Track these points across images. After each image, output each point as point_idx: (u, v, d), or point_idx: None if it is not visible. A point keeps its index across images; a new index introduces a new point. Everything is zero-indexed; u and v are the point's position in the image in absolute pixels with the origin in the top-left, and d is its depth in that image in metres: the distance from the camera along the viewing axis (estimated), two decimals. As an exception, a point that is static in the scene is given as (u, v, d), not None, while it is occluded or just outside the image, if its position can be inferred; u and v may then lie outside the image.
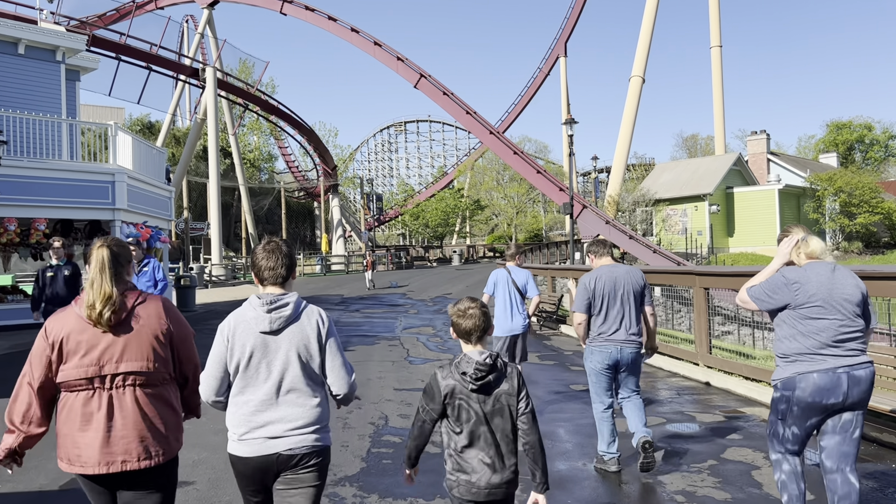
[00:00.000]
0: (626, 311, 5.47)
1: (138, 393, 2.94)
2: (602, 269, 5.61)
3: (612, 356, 5.46)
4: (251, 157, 64.03)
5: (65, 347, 2.89)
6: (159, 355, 2.98)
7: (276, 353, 3.01)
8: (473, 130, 41.00)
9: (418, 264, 53.58)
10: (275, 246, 3.15)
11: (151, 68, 37.33)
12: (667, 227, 46.73)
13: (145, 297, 3.05)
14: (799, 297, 3.90)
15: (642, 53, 51.99)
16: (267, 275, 3.10)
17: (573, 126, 26.10)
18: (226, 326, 3.05)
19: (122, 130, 18.14)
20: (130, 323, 2.94)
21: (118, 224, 17.58)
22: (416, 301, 26.13)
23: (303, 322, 3.07)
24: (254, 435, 2.98)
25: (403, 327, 17.50)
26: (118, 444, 2.88)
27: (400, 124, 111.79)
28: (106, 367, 2.88)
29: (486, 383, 3.02)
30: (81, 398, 2.90)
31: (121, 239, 3.52)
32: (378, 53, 42.89)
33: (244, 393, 3.02)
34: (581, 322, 5.57)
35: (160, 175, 21.12)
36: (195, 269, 34.97)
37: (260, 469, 3.00)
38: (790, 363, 3.95)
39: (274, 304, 3.02)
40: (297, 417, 3.00)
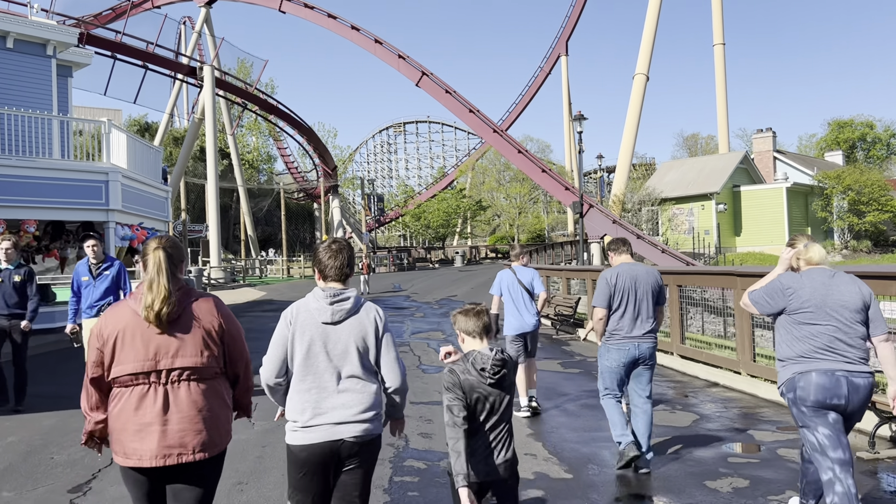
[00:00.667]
0: (644, 308, 5.59)
1: (192, 387, 3.02)
2: (622, 266, 5.74)
3: (629, 353, 5.55)
4: (250, 158, 63.20)
5: (119, 343, 2.97)
6: (212, 350, 3.07)
7: (336, 343, 3.16)
8: (476, 129, 40.22)
9: (420, 266, 52.80)
10: (339, 246, 3.35)
11: (148, 67, 36.52)
12: (673, 227, 45.98)
13: (198, 295, 3.16)
14: (792, 303, 3.98)
15: (646, 51, 51.26)
16: (331, 272, 3.29)
17: (582, 122, 25.32)
18: (289, 313, 3.23)
19: (115, 128, 17.34)
20: (185, 319, 3.03)
21: (112, 225, 16.78)
22: (421, 304, 25.39)
23: (361, 315, 3.24)
24: (318, 421, 3.10)
25: (411, 332, 16.73)
26: (174, 437, 2.95)
27: (399, 125, 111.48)
28: (162, 363, 2.97)
29: (502, 377, 3.23)
30: (137, 392, 2.98)
31: (174, 238, 3.42)
32: (379, 51, 42.13)
33: (304, 381, 3.15)
34: (602, 317, 5.64)
35: (156, 175, 20.32)
36: (193, 272, 34.14)
37: (324, 455, 3.10)
38: (788, 366, 4.01)
39: (336, 297, 3.21)
40: (358, 404, 3.14)
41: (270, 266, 48.06)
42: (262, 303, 26.52)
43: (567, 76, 72.60)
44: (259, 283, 38.83)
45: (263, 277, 44.60)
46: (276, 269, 46.60)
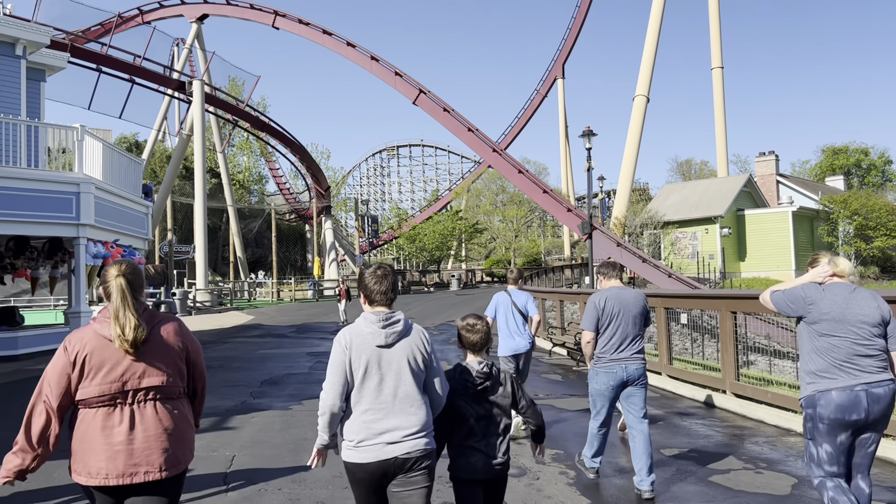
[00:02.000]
0: (632, 331, 5.66)
1: (158, 406, 3.08)
2: (611, 290, 5.79)
3: (617, 376, 5.62)
4: (241, 178, 61.67)
5: (87, 365, 3.00)
6: (177, 370, 3.16)
7: (391, 365, 3.28)
8: (475, 148, 38.94)
9: (415, 289, 51.17)
10: (384, 272, 3.45)
11: (135, 81, 35.13)
12: (676, 251, 44.67)
13: (162, 317, 3.21)
14: (812, 314, 4.07)
15: (646, 72, 50.51)
16: (378, 297, 3.39)
17: (591, 139, 24.03)
18: (343, 339, 3.31)
19: (89, 135, 15.85)
20: (150, 342, 3.08)
21: (83, 242, 15.22)
22: (419, 329, 23.84)
23: (412, 338, 3.37)
24: (372, 441, 3.22)
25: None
26: (140, 455, 2.99)
27: (392, 148, 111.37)
28: (129, 383, 3.02)
29: (484, 388, 3.59)
30: (102, 413, 3.00)
31: (133, 263, 3.30)
32: (375, 68, 40.97)
33: (361, 402, 3.27)
34: (590, 340, 5.75)
35: (136, 188, 18.80)
36: (178, 295, 32.47)
37: (377, 473, 3.22)
38: (811, 382, 4.06)
39: (388, 321, 3.33)
40: (411, 424, 3.25)
41: (260, 289, 46.31)
42: (248, 328, 24.88)
43: (563, 99, 71.93)
44: (247, 307, 37.14)
45: (252, 301, 42.88)
46: (265, 292, 44.87)
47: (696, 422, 8.30)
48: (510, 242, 63.67)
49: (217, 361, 15.21)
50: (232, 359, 15.80)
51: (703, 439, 7.44)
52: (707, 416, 8.65)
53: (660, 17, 50.84)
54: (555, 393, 10.68)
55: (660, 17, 50.79)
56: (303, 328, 23.99)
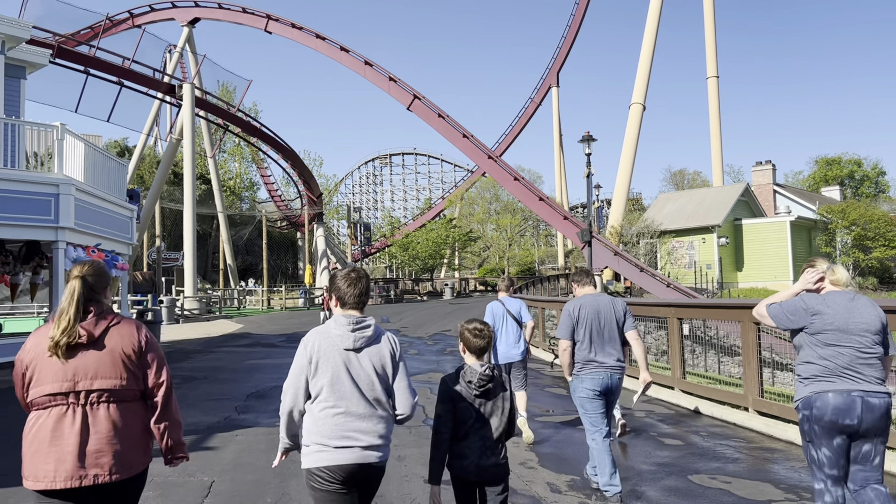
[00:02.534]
0: (610, 338, 5.61)
1: (111, 409, 3.03)
2: (585, 297, 5.78)
3: (602, 382, 5.53)
4: (232, 185, 60.82)
5: (39, 365, 3.00)
6: (131, 373, 3.09)
7: (359, 369, 3.25)
8: (470, 155, 38.34)
9: (408, 298, 50.41)
10: (358, 275, 3.47)
11: (123, 84, 34.36)
12: (672, 260, 44.12)
13: (120, 318, 3.18)
14: (815, 325, 4.07)
15: (642, 80, 50.13)
16: (351, 300, 3.40)
17: (591, 144, 23.43)
18: (309, 341, 3.30)
19: (70, 134, 15.12)
20: (104, 341, 3.07)
21: (62, 246, 14.45)
22: (413, 339, 23.12)
23: (382, 344, 3.36)
24: (346, 444, 3.17)
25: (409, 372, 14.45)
26: (91, 458, 2.93)
27: (385, 157, 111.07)
28: (80, 384, 2.98)
29: (486, 390, 3.65)
30: (54, 414, 2.97)
31: (99, 264, 3.28)
32: (369, 74, 40.38)
33: (331, 406, 3.21)
34: (566, 348, 5.66)
35: (120, 191, 18.06)
36: (166, 302, 31.57)
37: (352, 476, 3.17)
38: (807, 384, 4.09)
39: (358, 325, 3.31)
40: (377, 430, 3.22)
41: (250, 297, 45.45)
42: (237, 337, 24.08)
43: (558, 107, 71.59)
44: (237, 315, 36.31)
45: (242, 309, 42.02)
46: (255, 301, 44.01)
47: (721, 443, 7.62)
48: (504, 251, 63.01)
49: (202, 372, 14.44)
50: (218, 370, 15.04)
51: (733, 464, 6.76)
52: (731, 436, 7.98)
53: (656, 25, 50.52)
54: (560, 409, 9.99)
55: (656, 24, 50.47)
56: (293, 337, 23.21)
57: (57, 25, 33.01)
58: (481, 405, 3.61)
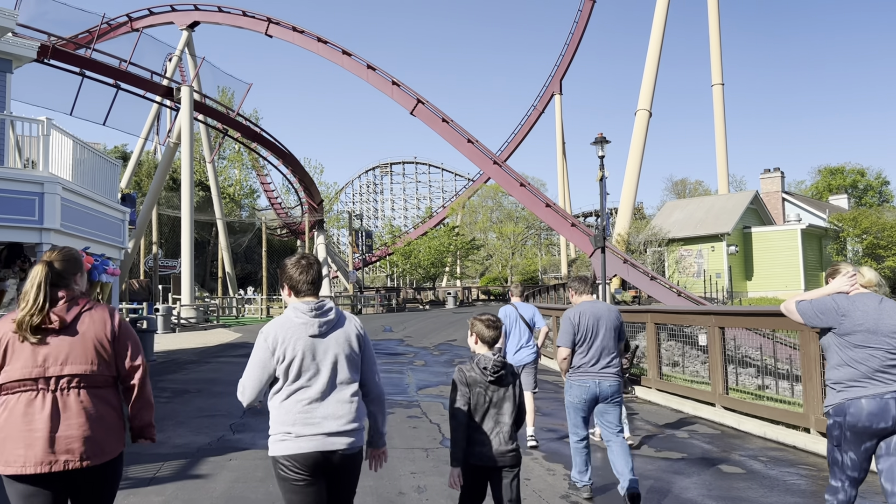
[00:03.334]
0: (607, 345, 5.68)
1: (82, 394, 3.00)
2: (584, 304, 5.85)
3: (590, 390, 5.61)
4: (231, 192, 59.87)
5: (9, 349, 2.95)
6: (103, 359, 3.06)
7: (326, 354, 3.20)
8: (475, 160, 37.44)
9: (410, 307, 49.40)
10: (308, 262, 3.37)
11: (120, 86, 33.46)
12: (680, 269, 43.13)
13: (92, 304, 3.14)
14: (845, 326, 4.07)
15: (648, 86, 49.42)
16: (304, 287, 3.31)
17: (604, 146, 22.53)
18: (270, 332, 3.21)
19: (57, 130, 14.18)
20: (76, 327, 3.04)
21: (47, 249, 13.49)
22: (418, 349, 22.16)
23: (346, 326, 3.32)
24: (311, 431, 3.10)
25: (417, 386, 13.48)
26: (61, 443, 2.91)
27: (386, 165, 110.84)
28: (50, 369, 2.95)
29: (500, 376, 3.85)
30: (24, 399, 2.94)
31: (70, 250, 3.24)
32: (372, 78, 39.55)
33: (297, 394, 3.15)
34: (566, 357, 5.74)
35: (111, 192, 17.10)
36: (161, 311, 30.56)
37: (316, 465, 3.10)
38: (840, 391, 4.06)
39: (320, 310, 3.26)
40: (347, 414, 3.17)
41: (249, 305, 44.43)
42: (234, 346, 23.08)
43: (561, 115, 70.90)
44: (235, 324, 35.29)
45: (240, 318, 40.99)
46: (254, 309, 42.98)
47: (787, 471, 6.64)
48: (507, 259, 62.01)
49: (195, 385, 13.45)
50: (213, 382, 14.05)
51: (811, 498, 5.78)
52: (795, 461, 7.00)
53: (662, 29, 49.82)
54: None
55: (662, 29, 49.77)
56: (293, 347, 22.26)
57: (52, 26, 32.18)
58: (494, 391, 3.81)
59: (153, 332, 19.92)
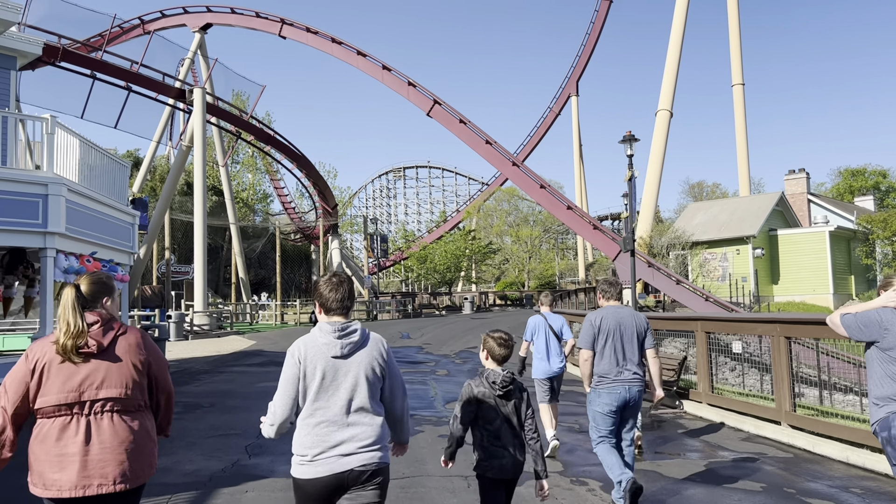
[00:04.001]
0: (629, 350, 5.60)
1: (115, 419, 2.99)
2: (608, 308, 5.82)
3: (621, 396, 5.55)
4: (244, 197, 59.28)
5: (45, 374, 2.94)
6: (136, 383, 3.07)
7: (347, 376, 3.17)
8: (493, 161, 36.56)
9: (426, 312, 48.53)
10: (339, 280, 3.37)
11: (131, 89, 32.88)
12: (704, 273, 42.00)
13: (125, 328, 3.15)
14: (887, 340, 4.01)
15: (669, 86, 48.46)
16: (334, 305, 3.29)
17: (633, 145, 21.59)
18: (297, 350, 3.21)
19: (62, 128, 13.44)
20: (111, 352, 3.04)
21: (51, 254, 12.73)
22: (438, 357, 21.29)
23: (369, 347, 3.28)
24: (328, 454, 3.08)
25: (444, 399, 12.61)
26: (95, 467, 2.91)
27: (399, 170, 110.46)
28: (86, 394, 2.94)
29: (508, 391, 3.99)
30: (59, 424, 2.93)
31: (100, 275, 3.27)
32: (387, 79, 38.78)
33: (315, 415, 3.13)
34: (588, 358, 5.68)
35: (120, 195, 16.37)
36: (174, 318, 29.89)
37: (330, 487, 3.08)
38: (882, 405, 4.00)
39: (344, 331, 3.23)
40: (367, 436, 3.14)
41: (263, 311, 43.69)
42: (249, 354, 22.30)
43: (577, 117, 69.96)
44: (249, 331, 34.55)
45: (254, 324, 40.26)
46: (268, 315, 42.24)
47: (894, 508, 5.70)
48: (524, 264, 60.97)
49: (208, 398, 12.62)
50: (226, 394, 13.23)
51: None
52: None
53: (682, 29, 48.81)
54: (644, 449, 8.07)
55: (682, 28, 48.76)
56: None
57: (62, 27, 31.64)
58: (503, 406, 3.93)
59: (165, 341, 19.19)
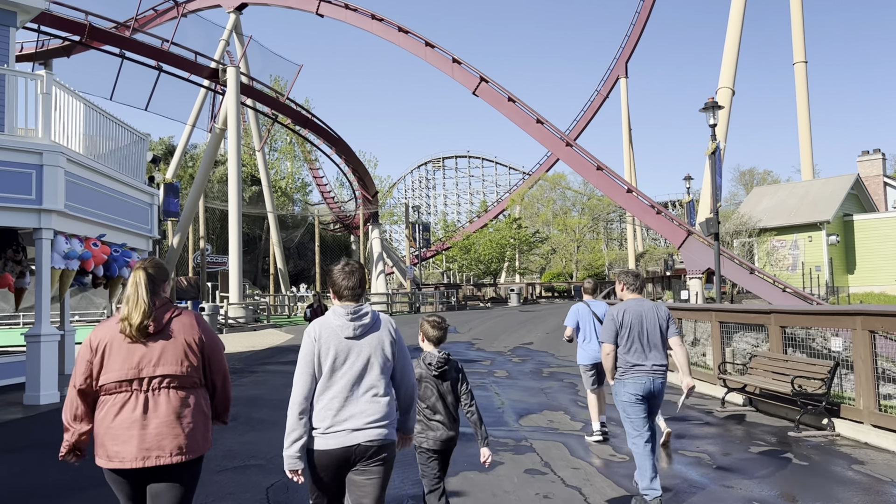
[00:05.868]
0: (653, 343, 5.63)
1: (171, 394, 3.16)
2: (629, 302, 5.79)
3: (645, 386, 5.53)
4: (282, 185, 57.64)
5: (107, 353, 3.15)
6: (191, 362, 3.23)
7: (359, 356, 3.37)
8: (545, 142, 34.02)
9: (471, 304, 46.26)
10: (352, 268, 3.58)
11: (162, 69, 31.19)
12: (772, 262, 38.79)
13: (180, 311, 3.32)
14: None
15: (730, 62, 45.01)
16: (346, 293, 3.52)
17: (716, 113, 18.92)
18: (312, 331, 3.42)
19: (62, 88, 11.44)
20: (167, 332, 3.22)
21: (48, 236, 10.76)
22: (492, 354, 19.01)
23: (381, 330, 3.48)
24: (338, 428, 3.26)
25: (515, 411, 10.27)
26: (152, 440, 3.07)
27: (438, 160, 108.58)
28: (144, 371, 3.13)
29: (443, 371, 4.39)
30: (120, 399, 3.12)
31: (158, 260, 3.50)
32: (430, 56, 36.45)
33: (328, 391, 3.32)
34: (609, 352, 5.70)
35: (137, 171, 14.40)
36: (207, 310, 28.13)
37: (340, 459, 3.26)
38: None
39: (356, 314, 3.44)
40: (374, 412, 3.32)
41: (301, 303, 41.94)
42: (284, 351, 20.31)
43: (627, 99, 66.76)
44: (286, 324, 32.71)
45: (292, 316, 38.49)
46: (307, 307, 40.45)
47: None
48: (571, 254, 58.21)
49: (232, 408, 10.51)
50: (254, 403, 11.13)
51: None
52: None
53: (742, 7, 45.42)
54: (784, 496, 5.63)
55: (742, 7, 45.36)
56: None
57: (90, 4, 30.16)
58: (440, 384, 4.36)
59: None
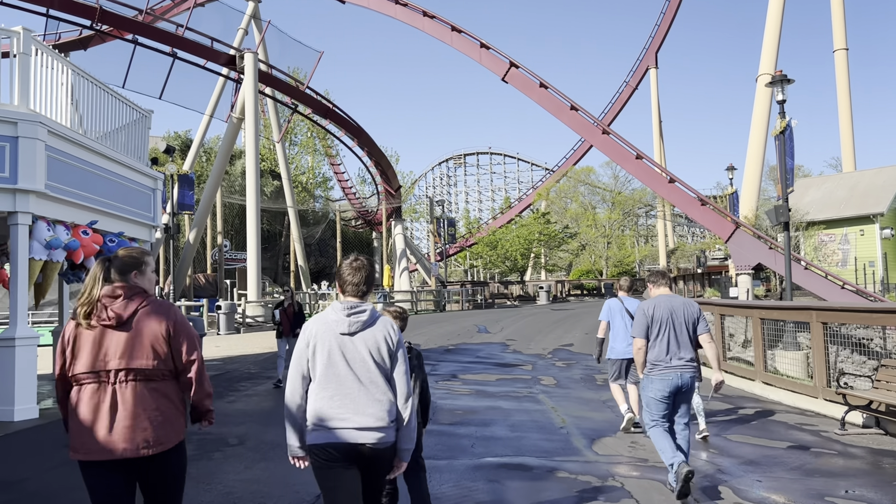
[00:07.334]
0: (683, 338, 5.72)
1: (139, 387, 3.13)
2: (660, 297, 5.89)
3: (672, 383, 5.61)
4: (303, 180, 56.18)
5: (77, 345, 3.15)
6: (158, 355, 3.16)
7: (354, 353, 3.32)
8: (579, 130, 32.15)
9: (498, 303, 44.44)
10: (359, 265, 3.51)
11: (177, 55, 29.74)
12: (820, 257, 36.54)
13: (150, 301, 3.25)
14: None
15: (770, 49, 42.64)
16: (349, 288, 3.47)
17: (785, 88, 16.93)
18: (309, 328, 3.40)
19: (44, 48, 9.83)
20: (134, 324, 3.17)
21: (24, 220, 9.14)
22: (531, 357, 17.23)
23: (377, 328, 3.41)
24: (341, 424, 3.22)
25: (581, 431, 8.46)
26: (119, 433, 3.05)
27: (459, 157, 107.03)
28: (111, 363, 3.10)
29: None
30: (89, 391, 3.11)
31: (137, 250, 3.46)
32: (457, 41, 34.72)
33: (327, 388, 3.29)
34: (641, 347, 5.77)
35: (138, 152, 12.79)
36: (224, 308, 26.59)
37: (347, 454, 3.22)
38: None
39: (353, 310, 3.39)
40: (376, 412, 3.27)
41: (323, 301, 40.41)
42: (305, 353, 18.73)
43: (657, 90, 64.45)
44: (307, 323, 31.17)
45: (313, 314, 36.96)
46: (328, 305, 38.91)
47: None
48: (601, 250, 56.10)
49: (239, 427, 8.79)
50: (266, 418, 9.39)
51: None
52: None
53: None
54: None
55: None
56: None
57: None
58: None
59: (201, 337, 15.71)
